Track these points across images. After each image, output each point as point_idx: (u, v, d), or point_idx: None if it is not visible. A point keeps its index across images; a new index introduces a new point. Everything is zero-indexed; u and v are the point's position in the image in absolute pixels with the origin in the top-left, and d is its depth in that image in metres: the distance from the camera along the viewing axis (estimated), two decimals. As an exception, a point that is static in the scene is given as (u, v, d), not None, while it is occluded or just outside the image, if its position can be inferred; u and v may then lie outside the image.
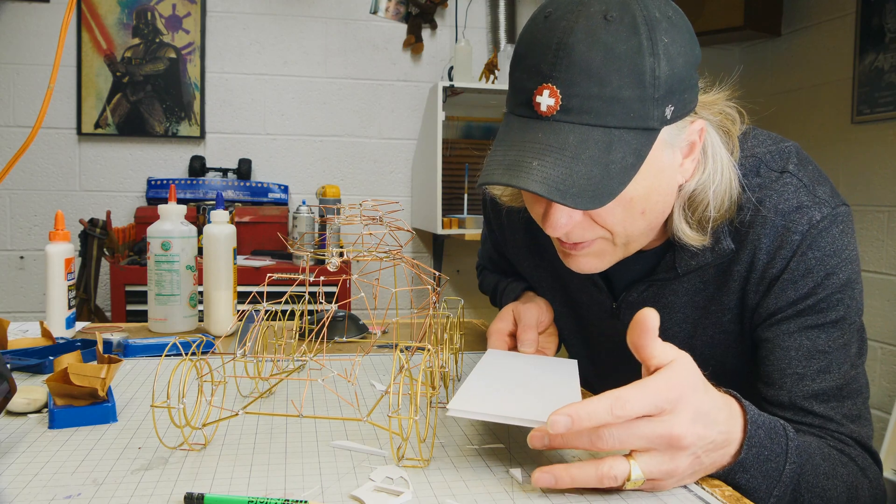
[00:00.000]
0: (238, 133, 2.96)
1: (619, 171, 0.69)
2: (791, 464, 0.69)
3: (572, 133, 0.69)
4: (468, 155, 3.09)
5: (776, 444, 0.68)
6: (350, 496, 0.59)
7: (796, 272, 0.78)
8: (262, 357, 0.85)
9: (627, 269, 0.92)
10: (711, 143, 0.80)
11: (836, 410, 0.79)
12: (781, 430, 0.70)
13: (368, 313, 1.75)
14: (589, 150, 0.68)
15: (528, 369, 0.84)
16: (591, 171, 0.68)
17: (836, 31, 2.72)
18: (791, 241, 0.78)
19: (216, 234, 1.18)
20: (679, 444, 0.59)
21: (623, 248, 0.81)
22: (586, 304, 1.00)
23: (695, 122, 0.77)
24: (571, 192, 0.67)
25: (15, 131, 2.76)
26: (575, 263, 0.82)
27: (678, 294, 0.88)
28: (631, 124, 0.69)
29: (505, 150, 0.72)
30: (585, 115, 0.69)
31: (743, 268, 0.82)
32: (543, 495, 0.60)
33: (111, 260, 2.43)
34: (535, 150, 0.70)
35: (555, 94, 0.69)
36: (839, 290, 0.78)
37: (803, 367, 0.79)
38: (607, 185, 0.68)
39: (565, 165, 0.68)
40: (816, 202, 0.79)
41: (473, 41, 3.09)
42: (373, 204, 0.87)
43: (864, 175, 2.59)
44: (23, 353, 0.98)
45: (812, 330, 0.79)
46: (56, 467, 0.63)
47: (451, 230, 2.79)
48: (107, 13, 2.81)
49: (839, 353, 0.79)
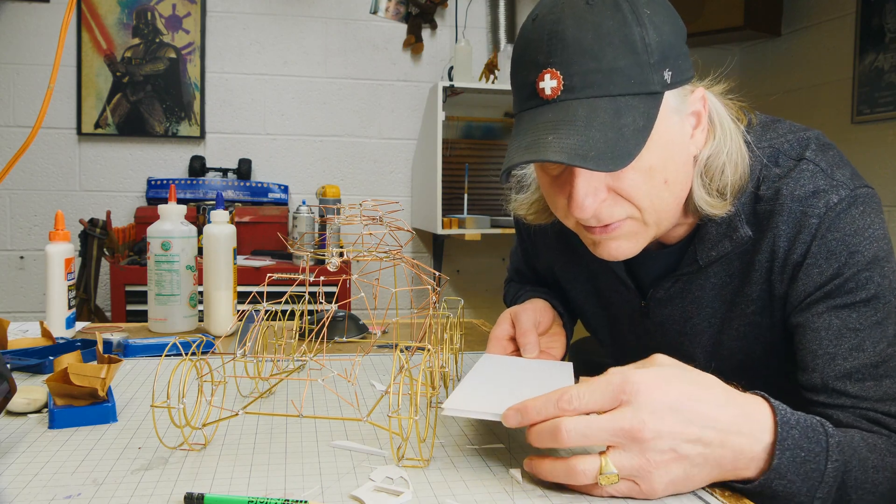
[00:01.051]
0: (238, 133, 2.96)
1: (633, 133, 0.71)
2: (833, 462, 0.67)
3: (580, 107, 0.71)
4: (468, 155, 3.09)
5: (814, 443, 0.66)
6: (350, 496, 0.59)
7: (819, 255, 0.78)
8: (262, 357, 0.85)
9: (652, 267, 0.92)
10: (716, 111, 0.82)
11: (872, 390, 0.76)
12: (819, 426, 0.68)
13: (368, 313, 1.75)
14: (599, 117, 0.71)
15: (523, 372, 0.84)
16: (606, 135, 0.70)
17: (836, 31, 2.72)
18: (809, 224, 0.78)
19: (216, 234, 1.18)
20: (638, 436, 0.58)
21: (654, 228, 0.80)
22: (617, 303, 1.00)
23: (696, 90, 0.79)
24: (591, 156, 0.69)
25: (15, 131, 2.76)
26: (606, 250, 0.81)
27: (705, 289, 0.88)
28: (634, 90, 0.71)
29: (520, 137, 0.75)
30: (589, 88, 0.71)
31: (765, 257, 0.82)
32: (543, 495, 0.61)
33: (111, 260, 2.43)
34: (547, 128, 0.72)
35: (556, 76, 0.72)
36: (866, 269, 0.77)
37: (834, 347, 0.77)
38: (624, 146, 0.70)
39: (580, 134, 0.70)
40: (834, 185, 0.79)
41: (473, 41, 3.09)
42: (373, 204, 0.87)
43: (865, 175, 2.58)
44: (23, 353, 0.98)
45: (842, 310, 0.78)
46: (56, 467, 0.63)
47: (451, 230, 2.79)
48: (107, 13, 2.81)
49: (873, 331, 0.77)
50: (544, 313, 1.00)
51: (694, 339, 0.92)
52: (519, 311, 0.98)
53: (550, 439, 0.60)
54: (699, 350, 0.92)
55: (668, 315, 0.93)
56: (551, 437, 0.60)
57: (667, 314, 0.93)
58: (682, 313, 0.91)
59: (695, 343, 0.92)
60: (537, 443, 0.62)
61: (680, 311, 0.91)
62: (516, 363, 0.89)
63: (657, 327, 0.95)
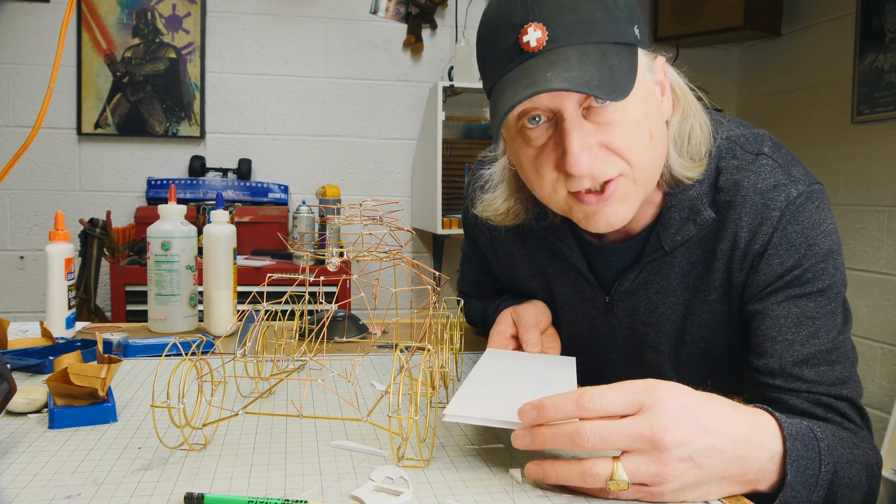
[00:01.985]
0: (238, 133, 2.96)
1: (623, 72, 0.73)
2: (826, 465, 0.69)
3: (570, 51, 0.73)
4: (468, 155, 3.09)
5: (811, 451, 0.68)
6: (350, 496, 0.59)
7: (780, 246, 0.82)
8: (262, 357, 0.85)
9: (614, 262, 0.94)
10: (677, 83, 0.85)
11: (826, 375, 0.80)
12: (809, 432, 0.70)
13: (368, 313, 1.75)
14: (589, 58, 0.73)
15: (525, 369, 0.84)
16: (601, 71, 0.72)
17: (836, 31, 2.72)
18: (771, 217, 0.82)
19: (216, 234, 1.18)
20: (661, 443, 0.58)
21: (643, 189, 0.81)
22: (575, 306, 1.00)
23: (657, 57, 0.83)
24: (594, 85, 0.70)
25: (15, 131, 2.76)
26: (603, 217, 0.80)
27: (669, 277, 0.90)
28: (613, 39, 0.74)
29: (514, 83, 0.74)
30: (573, 37, 0.73)
31: (726, 246, 0.85)
32: (543, 495, 0.61)
33: (111, 260, 2.43)
34: (542, 69, 0.72)
35: (539, 28, 0.73)
36: (822, 260, 0.81)
37: (793, 334, 0.81)
38: (619, 82, 0.72)
39: (576, 70, 0.71)
40: (792, 180, 0.83)
41: (473, 41, 3.08)
42: (373, 204, 0.87)
43: (864, 175, 2.59)
44: (23, 353, 0.98)
45: (800, 299, 0.82)
46: (56, 467, 0.63)
47: (451, 230, 2.79)
48: (107, 13, 2.81)
49: (827, 320, 0.81)
50: (544, 312, 1.01)
51: (659, 329, 0.93)
52: (520, 309, 1.00)
53: (569, 442, 0.59)
54: (663, 339, 0.94)
55: (634, 307, 0.94)
56: (570, 440, 0.59)
57: (632, 306, 0.94)
58: (647, 303, 0.93)
59: (660, 332, 0.94)
60: (551, 444, 0.60)
61: (646, 302, 0.93)
62: (519, 358, 0.89)
63: (621, 321, 0.96)
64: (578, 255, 0.95)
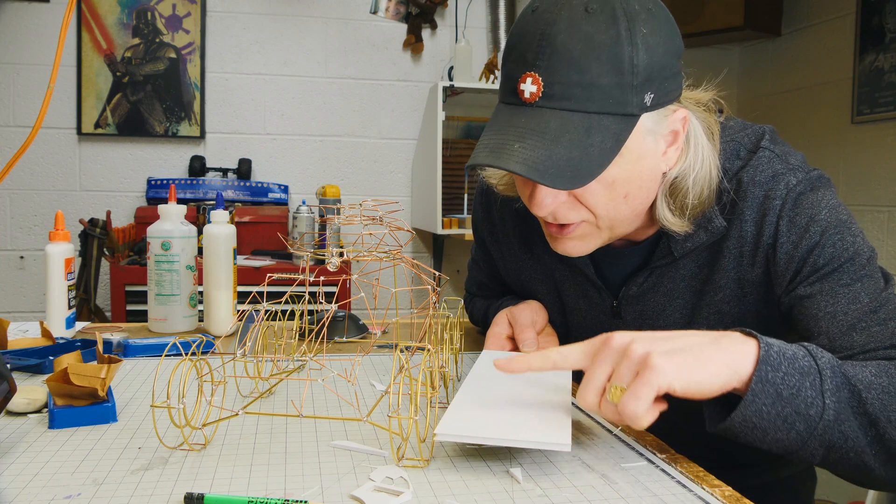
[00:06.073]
0: (238, 133, 2.96)
1: (598, 154, 0.73)
2: (822, 359, 0.67)
3: (553, 118, 0.73)
4: (468, 155, 3.08)
5: (797, 348, 0.68)
6: (350, 496, 0.59)
7: (789, 233, 0.81)
8: (262, 357, 0.85)
9: (622, 266, 0.94)
10: (694, 132, 0.82)
11: (878, 335, 0.75)
12: (797, 346, 0.69)
13: (368, 313, 1.75)
14: (569, 133, 0.72)
15: (519, 379, 0.83)
16: (570, 153, 0.72)
17: (836, 31, 2.72)
18: (773, 206, 0.81)
19: (216, 234, 1.18)
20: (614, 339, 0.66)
21: (608, 232, 0.84)
22: (583, 310, 1.00)
23: (678, 111, 0.80)
24: (550, 173, 0.71)
25: (15, 131, 2.76)
26: (561, 246, 0.85)
27: (676, 280, 0.90)
28: (610, 110, 0.73)
29: (492, 135, 0.77)
30: (566, 101, 0.73)
31: (733, 244, 0.85)
32: (544, 495, 0.61)
33: (111, 260, 2.43)
34: (518, 133, 0.74)
35: (537, 82, 0.73)
36: (836, 232, 0.80)
37: (832, 306, 0.78)
38: (586, 166, 0.72)
39: (546, 147, 0.72)
40: (790, 168, 0.83)
41: (473, 41, 3.08)
42: (373, 204, 0.87)
43: (864, 175, 2.59)
44: (23, 353, 0.98)
45: (830, 275, 0.79)
46: (56, 467, 0.63)
47: (451, 230, 2.79)
48: (107, 13, 2.81)
49: (864, 283, 0.78)
50: (539, 313, 1.02)
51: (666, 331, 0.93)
52: (516, 310, 1.00)
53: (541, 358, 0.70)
54: None
55: (641, 311, 0.94)
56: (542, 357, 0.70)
57: (639, 310, 0.94)
58: (654, 307, 0.93)
59: None
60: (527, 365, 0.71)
61: (653, 306, 0.93)
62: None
63: (629, 325, 0.96)
64: (585, 259, 0.95)
